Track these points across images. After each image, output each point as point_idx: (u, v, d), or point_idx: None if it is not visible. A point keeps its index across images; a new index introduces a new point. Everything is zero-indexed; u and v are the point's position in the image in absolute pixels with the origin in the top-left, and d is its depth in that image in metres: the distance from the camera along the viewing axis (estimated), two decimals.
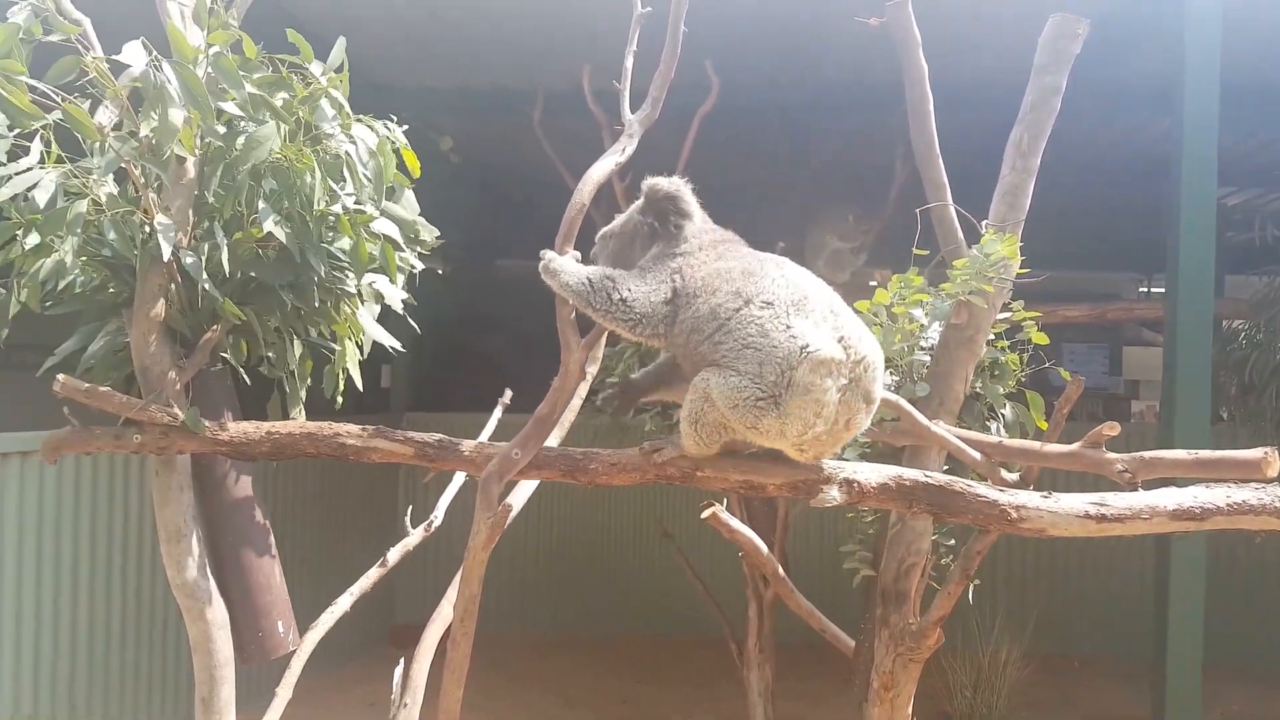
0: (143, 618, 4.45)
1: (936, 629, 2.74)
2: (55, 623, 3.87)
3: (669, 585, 6.28)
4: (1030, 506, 1.69)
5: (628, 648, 6.24)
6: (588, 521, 6.60)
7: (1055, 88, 2.51)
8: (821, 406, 1.69)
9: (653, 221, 1.96)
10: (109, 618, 4.23)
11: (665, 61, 1.94)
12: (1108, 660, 6.23)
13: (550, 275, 1.89)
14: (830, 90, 4.42)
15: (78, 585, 4.07)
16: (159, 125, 1.76)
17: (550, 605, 6.61)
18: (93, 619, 4.12)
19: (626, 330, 1.83)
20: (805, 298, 1.79)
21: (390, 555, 2.40)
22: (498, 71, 4.54)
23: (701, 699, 5.47)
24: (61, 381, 1.89)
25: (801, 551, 6.02)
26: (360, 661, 5.71)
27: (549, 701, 5.39)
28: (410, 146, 2.16)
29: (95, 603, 4.14)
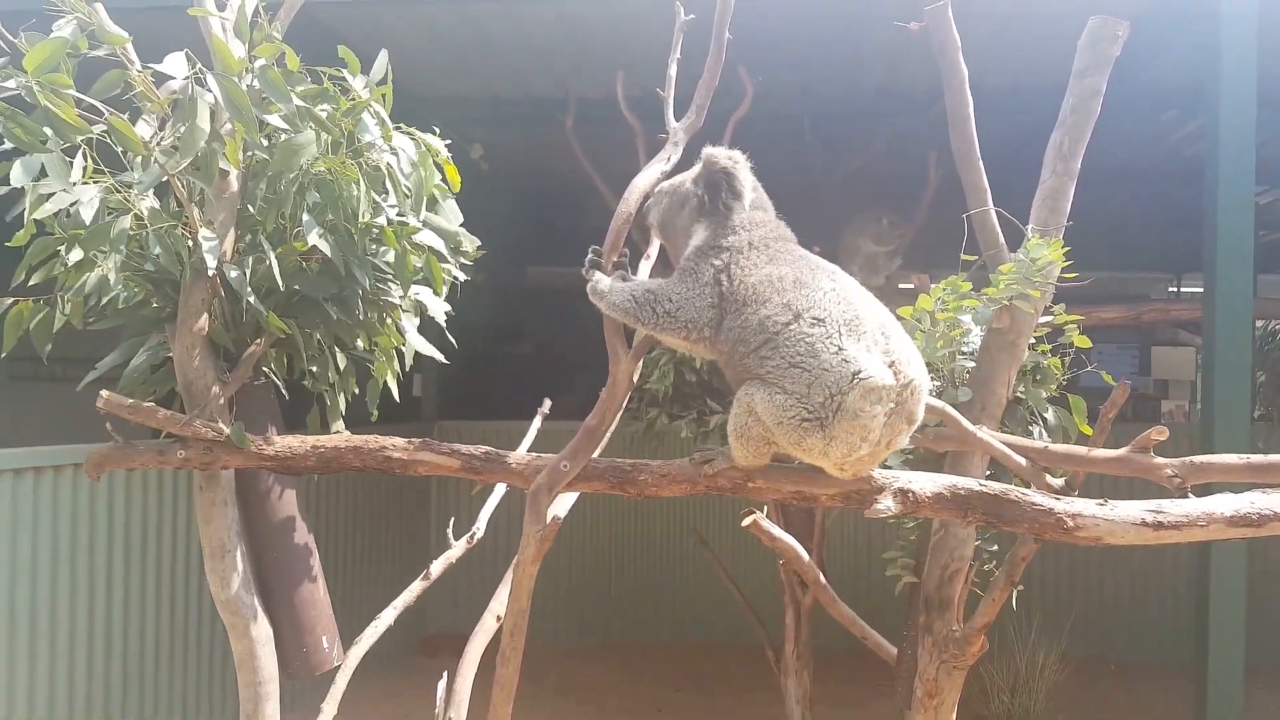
0: (188, 633, 4.49)
1: (981, 636, 2.70)
2: (99, 638, 3.90)
3: (704, 592, 6.26)
4: (1086, 515, 1.66)
5: (663, 655, 6.21)
6: (622, 528, 6.58)
7: (1095, 90, 2.47)
8: (868, 431, 1.67)
9: (703, 194, 1.92)
10: (154, 634, 4.27)
11: (709, 69, 1.93)
12: (1145, 664, 6.14)
13: (598, 297, 1.88)
14: (864, 95, 4.40)
15: (127, 600, 4.10)
16: (185, 136, 1.76)
17: (584, 612, 6.60)
18: (140, 635, 4.15)
19: (679, 338, 1.81)
20: (858, 317, 1.75)
21: (433, 568, 2.39)
22: (530, 79, 4.55)
23: (738, 706, 5.43)
24: (105, 397, 1.89)
25: (837, 557, 5.98)
26: (392, 672, 5.71)
27: (584, 709, 5.37)
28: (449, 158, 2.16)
29: (139, 619, 4.18)
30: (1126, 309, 4.72)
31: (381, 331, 2.16)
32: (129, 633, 4.10)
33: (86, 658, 3.84)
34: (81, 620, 3.82)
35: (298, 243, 1.97)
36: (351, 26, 3.85)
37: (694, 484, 1.81)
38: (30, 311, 1.96)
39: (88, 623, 3.86)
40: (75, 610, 3.79)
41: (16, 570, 3.51)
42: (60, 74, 1.58)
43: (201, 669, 4.59)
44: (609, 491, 1.90)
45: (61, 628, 3.72)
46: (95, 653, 3.90)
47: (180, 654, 4.44)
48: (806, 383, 1.68)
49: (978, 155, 2.52)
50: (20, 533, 3.53)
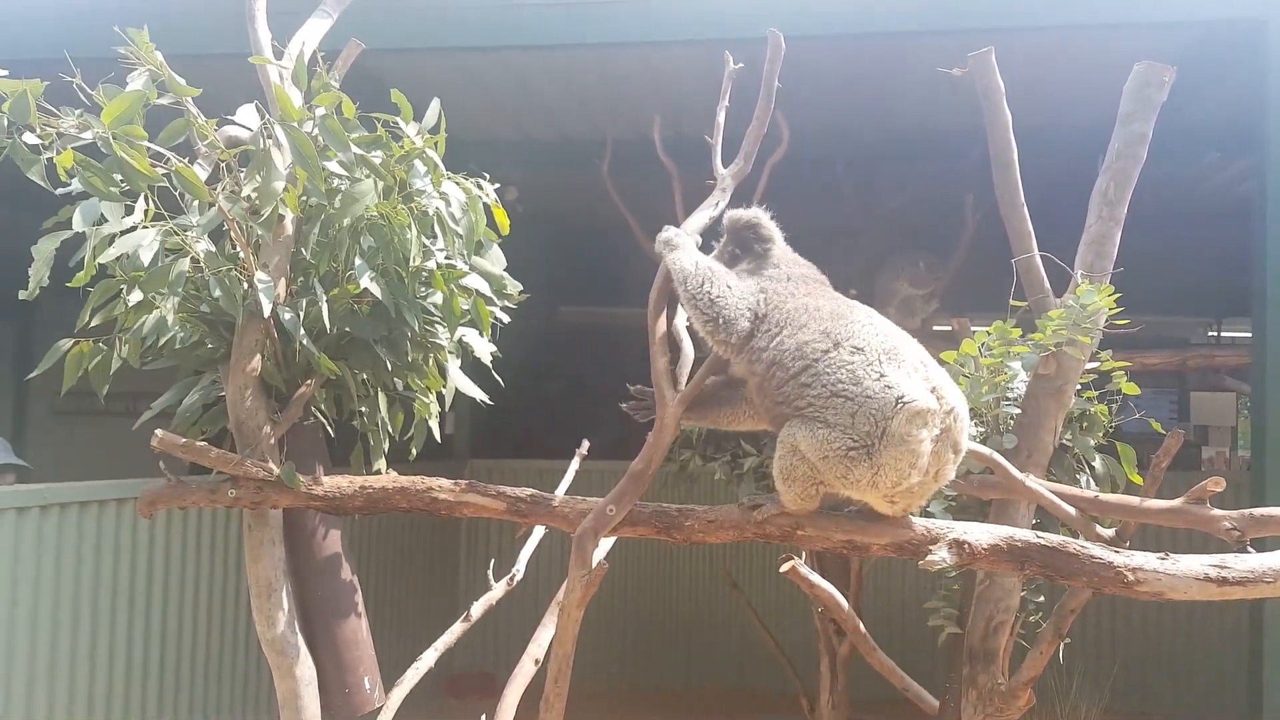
0: (234, 672, 4.51)
1: (1028, 690, 2.65)
2: (143, 674, 3.92)
3: (735, 637, 6.17)
4: (1148, 569, 1.63)
5: (693, 701, 6.13)
6: (652, 571, 6.52)
7: (1141, 136, 2.47)
8: (917, 458, 1.65)
9: (735, 249, 1.98)
10: (198, 672, 4.28)
11: (758, 117, 1.95)
12: (1188, 718, 5.97)
13: (668, 247, 1.92)
14: (900, 139, 4.42)
15: (165, 635, 4.12)
16: (262, 186, 1.80)
17: (614, 657, 6.53)
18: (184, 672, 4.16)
19: (703, 327, 1.83)
20: (896, 347, 1.77)
21: (474, 609, 2.38)
22: (567, 123, 4.62)
23: None
24: (159, 436, 1.91)
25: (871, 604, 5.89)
26: (419, 711, 5.66)
27: None
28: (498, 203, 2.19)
29: (184, 655, 4.20)
30: (1171, 354, 4.66)
31: (428, 373, 2.18)
32: (173, 669, 4.11)
33: (135, 692, 3.85)
34: (123, 654, 3.84)
35: (350, 285, 2.00)
36: (395, 73, 3.93)
37: (742, 530, 1.80)
38: (90, 352, 2.00)
39: (129, 657, 3.87)
40: (117, 643, 3.81)
41: (62, 601, 3.54)
42: (135, 126, 1.63)
43: (245, 708, 4.60)
44: (655, 537, 1.89)
45: (103, 661, 3.74)
46: (139, 688, 3.91)
47: (224, 692, 4.45)
48: (850, 411, 1.67)
49: (1022, 200, 2.52)
50: (68, 566, 3.56)
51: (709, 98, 3.99)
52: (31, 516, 3.43)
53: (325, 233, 2.01)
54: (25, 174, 1.66)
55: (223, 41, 3.06)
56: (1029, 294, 2.52)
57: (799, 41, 2.15)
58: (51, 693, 3.50)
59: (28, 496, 3.43)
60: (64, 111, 1.67)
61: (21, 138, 1.64)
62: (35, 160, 1.66)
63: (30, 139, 1.65)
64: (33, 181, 1.82)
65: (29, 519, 3.42)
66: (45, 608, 3.48)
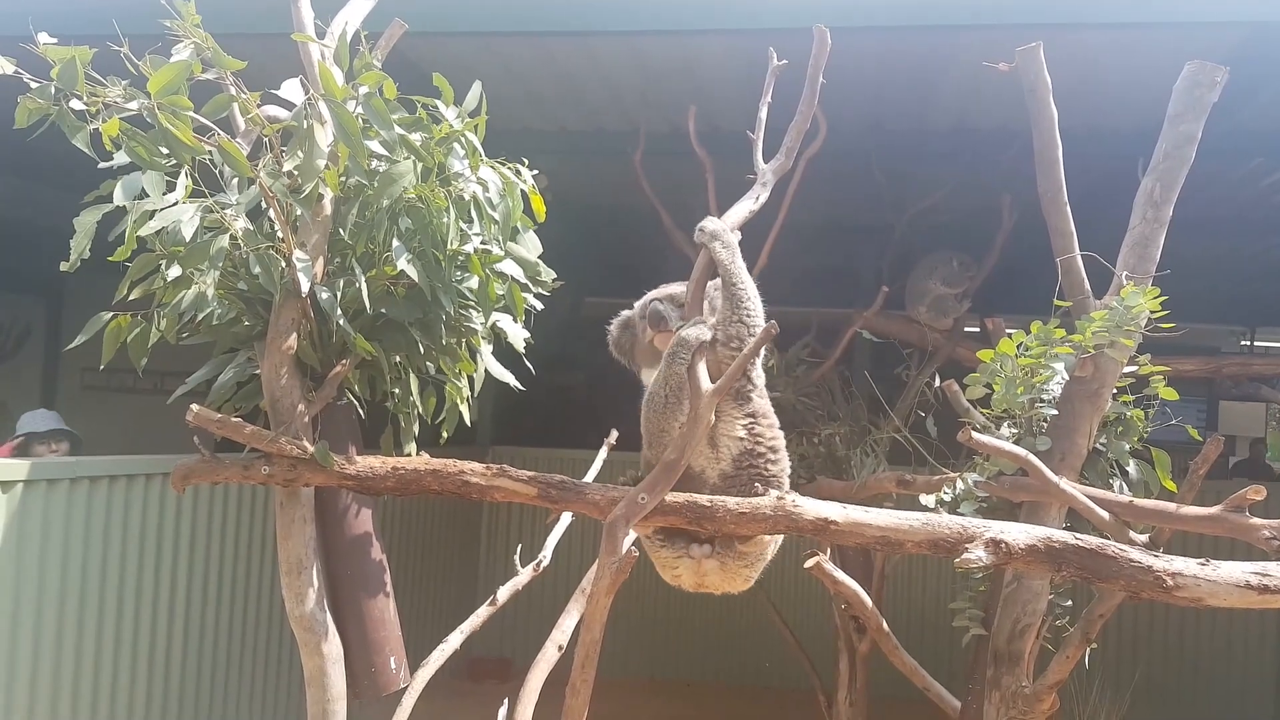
0: (262, 647, 4.58)
1: (1052, 694, 2.62)
2: (172, 647, 3.97)
3: (753, 632, 6.16)
4: (1187, 574, 1.60)
5: (712, 694, 6.13)
6: None
7: (1190, 137, 2.43)
8: None
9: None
10: (227, 646, 4.35)
11: (801, 112, 1.93)
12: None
13: (719, 243, 1.97)
14: (938, 135, 4.37)
15: (190, 610, 4.17)
16: (304, 163, 1.80)
17: (633, 647, 6.54)
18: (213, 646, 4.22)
19: (735, 332, 1.92)
20: None
21: (500, 593, 2.39)
22: (600, 113, 4.60)
23: None
24: (195, 411, 1.92)
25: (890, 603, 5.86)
26: (437, 694, 5.69)
27: None
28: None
29: (213, 630, 4.25)
30: (1206, 361, 4.59)
31: (462, 357, 2.18)
32: (202, 643, 4.17)
33: (157, 664, 3.89)
34: (148, 628, 3.88)
35: (387, 267, 2.00)
36: (430, 58, 3.93)
37: (774, 523, 1.78)
38: (128, 326, 2.02)
39: (153, 630, 3.92)
40: (142, 617, 3.86)
41: (90, 574, 3.58)
42: (180, 96, 1.63)
43: (273, 684, 4.66)
44: (686, 527, 1.88)
45: (128, 635, 3.78)
46: (166, 662, 3.96)
47: (252, 668, 4.51)
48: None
49: (1065, 199, 2.49)
50: (97, 539, 3.61)
51: (744, 89, 3.98)
52: (61, 489, 3.47)
53: (363, 214, 2.01)
54: (71, 141, 1.67)
55: (265, 21, 3.07)
56: (1069, 294, 2.49)
57: (838, 33, 2.12)
58: (78, 665, 3.55)
59: (59, 469, 3.48)
60: (110, 81, 1.68)
61: (68, 105, 1.65)
62: (81, 127, 1.67)
63: (77, 106, 1.65)
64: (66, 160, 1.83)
65: (59, 491, 3.46)
66: (74, 580, 3.52)
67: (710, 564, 1.95)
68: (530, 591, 2.71)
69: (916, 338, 4.88)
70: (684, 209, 4.84)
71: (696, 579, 1.99)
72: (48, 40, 1.66)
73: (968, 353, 4.77)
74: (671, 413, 1.93)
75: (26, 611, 3.33)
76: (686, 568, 1.97)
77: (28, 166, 5.45)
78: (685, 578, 1.99)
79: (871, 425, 4.18)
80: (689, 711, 5.89)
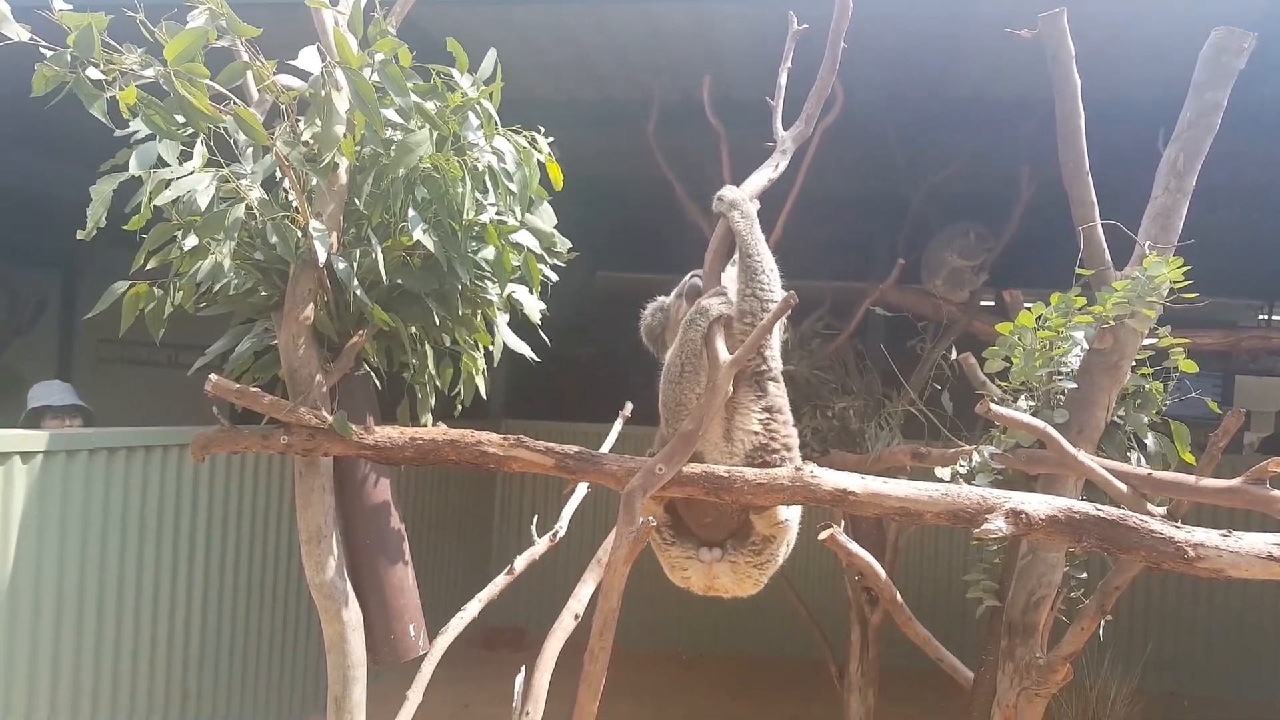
0: (285, 615, 4.63)
1: (1066, 665, 2.62)
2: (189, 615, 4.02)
3: (764, 603, 6.19)
4: (1209, 545, 1.59)
5: (723, 664, 6.18)
6: None
7: (1215, 105, 2.39)
8: None
9: None
10: (248, 614, 4.41)
11: (821, 78, 1.91)
12: (1221, 700, 5.93)
13: (738, 214, 1.94)
14: (956, 105, 4.31)
15: (222, 579, 4.23)
16: (322, 131, 1.79)
17: (646, 617, 6.58)
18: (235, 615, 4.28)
19: (750, 306, 1.91)
20: None
21: (517, 563, 2.40)
22: (612, 82, 4.56)
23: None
24: (213, 381, 1.92)
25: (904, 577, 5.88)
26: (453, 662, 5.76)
27: (641, 713, 5.37)
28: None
29: (235, 598, 4.31)
30: (1225, 334, 4.55)
31: (478, 328, 2.18)
32: (221, 612, 4.23)
33: (177, 633, 3.94)
34: (165, 596, 3.93)
35: (403, 238, 1.99)
36: (442, 26, 3.89)
37: (792, 494, 1.78)
38: (145, 295, 2.02)
39: (170, 598, 3.96)
40: (161, 585, 3.90)
41: (110, 543, 3.62)
42: (196, 64, 1.62)
43: (293, 651, 4.72)
44: (704, 498, 1.88)
45: (147, 603, 3.83)
46: (186, 629, 4.02)
47: (271, 635, 4.57)
48: None
49: (1087, 169, 2.45)
50: (116, 509, 3.64)
51: (759, 58, 3.93)
52: (80, 460, 3.50)
53: (379, 183, 2.01)
54: (88, 109, 1.66)
55: None
56: (1090, 265, 2.46)
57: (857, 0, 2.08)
58: (100, 633, 3.60)
59: (78, 441, 3.50)
60: (126, 48, 1.67)
61: (85, 72, 1.64)
62: (98, 95, 1.66)
63: (93, 74, 1.65)
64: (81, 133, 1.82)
65: (77, 462, 3.49)
66: (94, 550, 3.56)
67: (721, 567, 1.97)
68: (544, 563, 2.73)
69: (932, 311, 4.85)
70: (697, 181, 4.80)
71: (707, 582, 2.00)
72: (63, 7, 1.65)
73: (984, 326, 4.75)
74: (688, 383, 1.92)
75: (48, 580, 3.37)
76: (696, 571, 1.99)
77: (43, 140, 5.45)
78: (695, 580, 2.01)
79: (885, 399, 4.17)
80: (701, 682, 5.94)
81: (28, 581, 3.29)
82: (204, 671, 4.12)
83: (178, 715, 3.98)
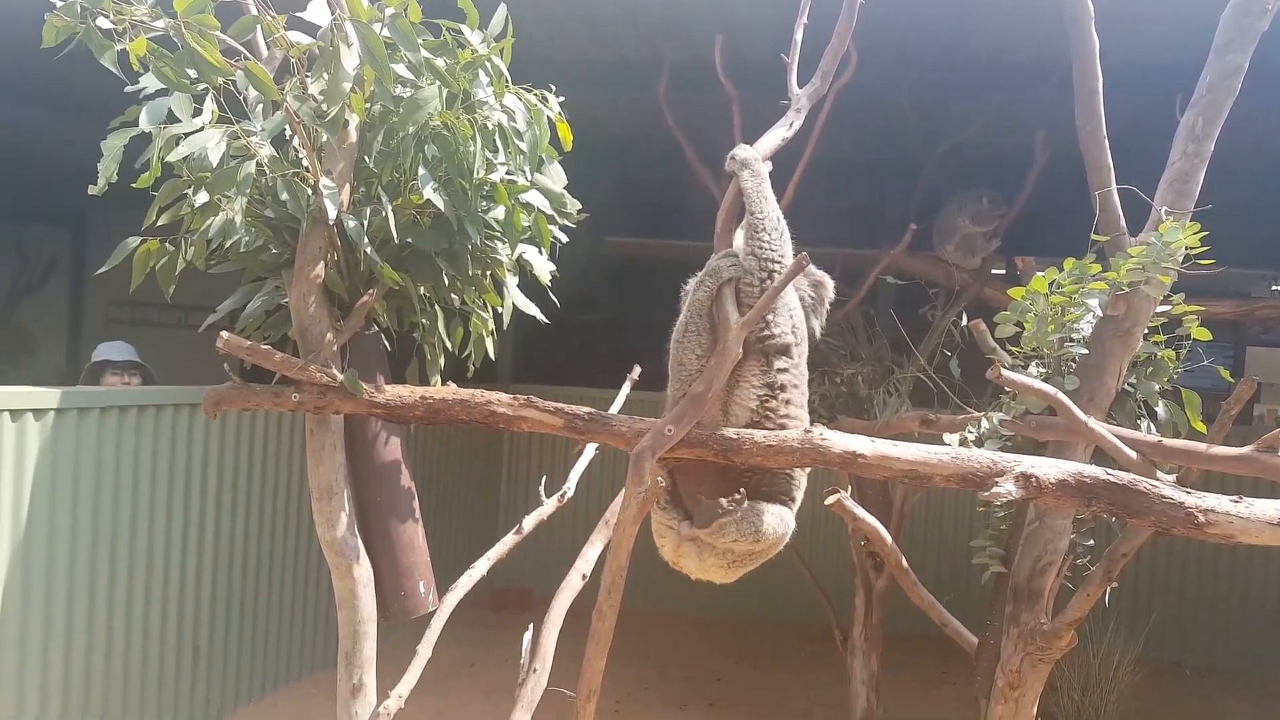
0: (297, 571, 4.69)
1: (1071, 631, 2.64)
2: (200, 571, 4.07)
3: (770, 568, 6.22)
4: (1219, 510, 1.59)
5: (727, 627, 6.22)
6: None
7: (1236, 68, 2.35)
8: None
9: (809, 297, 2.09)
10: (260, 569, 4.47)
11: (838, 34, 1.88)
12: (1224, 671, 5.97)
13: (749, 173, 1.92)
14: (969, 68, 4.24)
15: (244, 535, 4.27)
16: (329, 85, 1.78)
17: (650, 578, 6.63)
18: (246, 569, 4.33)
19: (761, 267, 1.89)
20: None
21: (526, 523, 2.42)
22: (622, 43, 4.50)
23: (799, 683, 5.43)
24: (225, 338, 1.93)
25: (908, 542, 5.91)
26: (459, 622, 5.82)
27: (645, 674, 5.43)
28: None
29: (245, 554, 4.36)
30: (1239, 304, 4.51)
31: (488, 288, 2.17)
32: (232, 567, 4.28)
33: (188, 588, 3.99)
34: (176, 551, 3.97)
35: (414, 196, 1.98)
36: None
37: (802, 455, 1.78)
38: (156, 251, 2.02)
39: (181, 554, 4.01)
40: (170, 542, 3.94)
41: (121, 500, 3.65)
42: (206, 15, 1.61)
43: (304, 606, 4.79)
44: (712, 459, 1.88)
45: (159, 558, 3.87)
46: (198, 584, 4.07)
47: (281, 591, 4.63)
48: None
49: (1104, 132, 2.43)
50: (127, 466, 3.67)
51: (772, 20, 3.86)
52: (92, 418, 3.52)
53: (389, 141, 1.99)
54: (98, 60, 1.66)
55: None
56: (1105, 230, 2.44)
57: None
58: (112, 588, 3.64)
59: (89, 398, 3.53)
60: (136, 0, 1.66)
61: (95, 22, 1.63)
62: (108, 46, 1.65)
63: (104, 24, 1.63)
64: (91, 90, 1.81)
65: (89, 419, 3.51)
66: (106, 506, 3.60)
67: (689, 547, 1.97)
68: (551, 525, 2.75)
69: (943, 277, 4.82)
70: (709, 143, 4.76)
71: (674, 556, 2.02)
72: None
73: (995, 293, 4.72)
74: (689, 343, 1.91)
75: (61, 536, 3.41)
76: (669, 541, 2.00)
77: (54, 98, 5.42)
78: (666, 550, 2.03)
79: (894, 365, 4.16)
80: (704, 645, 6.00)
81: (41, 537, 3.33)
82: (215, 628, 4.18)
83: (189, 672, 4.05)
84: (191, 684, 4.06)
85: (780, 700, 5.18)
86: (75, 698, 3.48)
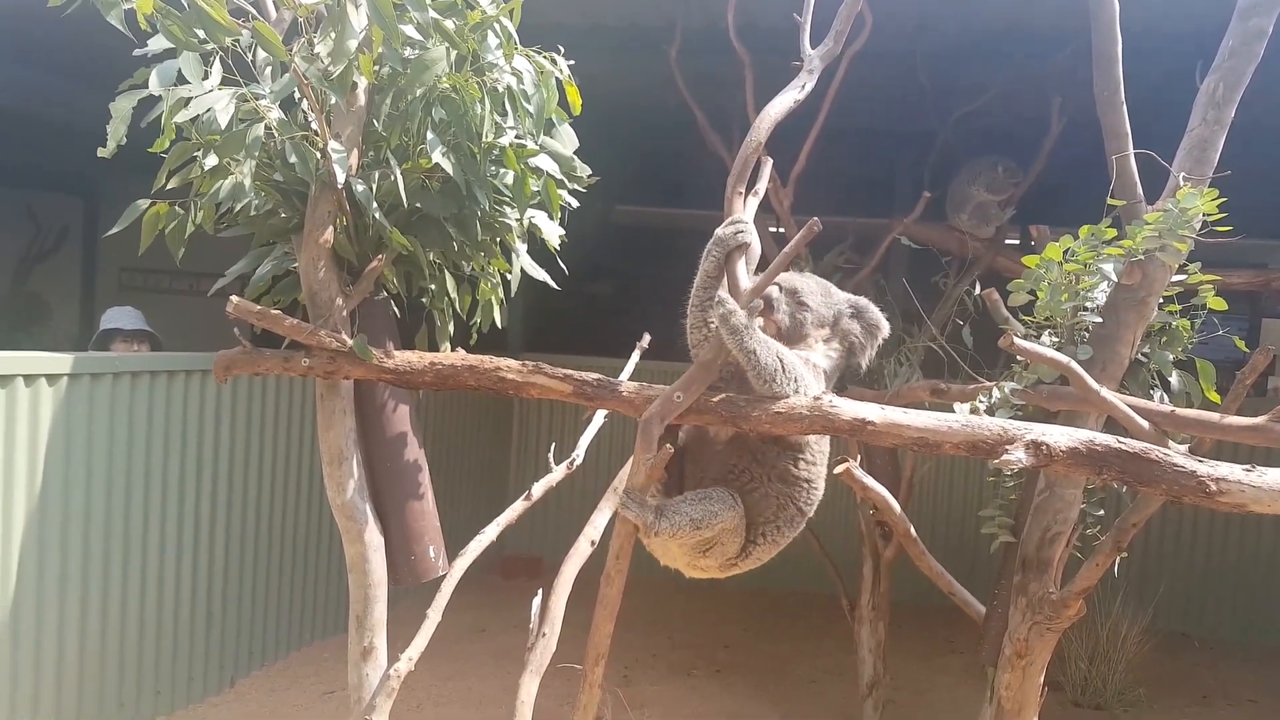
0: (311, 535, 4.72)
1: (1079, 600, 2.64)
2: (212, 538, 4.10)
3: None
4: (1231, 479, 1.58)
5: (735, 595, 6.26)
6: None
7: (1260, 32, 2.30)
8: None
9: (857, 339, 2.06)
10: (272, 534, 4.50)
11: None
12: (1232, 642, 5.98)
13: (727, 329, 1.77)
14: (985, 34, 4.18)
15: (256, 500, 4.31)
16: (336, 44, 1.76)
17: None
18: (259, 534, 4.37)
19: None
20: None
21: (535, 489, 2.42)
22: (633, 6, 4.44)
23: (805, 652, 5.47)
24: (234, 303, 1.93)
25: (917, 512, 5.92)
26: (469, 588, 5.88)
27: (654, 640, 5.48)
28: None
29: (257, 519, 4.40)
30: (1256, 274, 4.46)
31: (497, 254, 2.16)
32: (244, 532, 4.32)
33: (201, 552, 4.04)
34: (190, 517, 4.01)
35: (422, 160, 1.97)
36: None
37: (811, 423, 1.78)
38: (166, 214, 2.01)
39: (194, 518, 4.04)
40: (183, 507, 3.98)
41: (135, 466, 3.68)
42: None
43: (315, 571, 4.84)
44: (721, 425, 1.88)
45: (172, 523, 3.91)
46: (211, 549, 4.11)
47: (293, 555, 4.68)
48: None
49: (1122, 99, 2.38)
50: (140, 431, 3.70)
51: None
52: (104, 383, 3.54)
53: (397, 104, 1.98)
54: (105, 17, 1.64)
55: None
56: (1121, 197, 2.41)
57: None
58: (126, 554, 3.68)
59: (101, 364, 3.55)
60: None
61: None
62: (115, 4, 1.64)
63: None
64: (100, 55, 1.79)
65: (102, 385, 3.53)
66: (120, 471, 3.62)
67: (653, 542, 1.96)
68: (560, 493, 2.76)
69: (956, 246, 4.78)
70: (722, 110, 4.71)
71: (661, 553, 2.04)
72: None
73: (1008, 262, 4.68)
74: (697, 312, 1.92)
75: (75, 501, 3.44)
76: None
77: (63, 65, 5.40)
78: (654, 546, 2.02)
79: (905, 335, 4.13)
80: (713, 613, 6.04)
81: (56, 502, 3.36)
82: (227, 593, 4.23)
83: (202, 637, 4.10)
84: (206, 648, 4.12)
85: (787, 668, 5.22)
86: (90, 663, 3.53)
